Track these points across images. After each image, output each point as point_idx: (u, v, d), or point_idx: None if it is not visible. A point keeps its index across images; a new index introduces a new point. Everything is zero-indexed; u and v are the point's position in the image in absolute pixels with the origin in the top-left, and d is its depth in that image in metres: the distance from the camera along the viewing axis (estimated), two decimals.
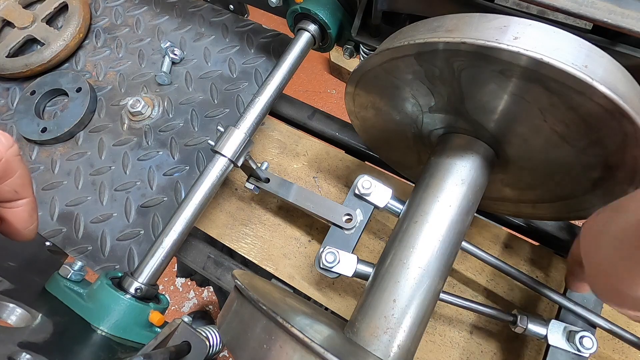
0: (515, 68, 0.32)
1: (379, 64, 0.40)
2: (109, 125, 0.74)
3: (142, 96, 0.74)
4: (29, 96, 0.75)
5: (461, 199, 0.42)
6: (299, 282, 0.60)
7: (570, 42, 0.31)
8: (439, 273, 0.41)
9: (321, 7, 0.58)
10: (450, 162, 0.44)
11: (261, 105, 0.58)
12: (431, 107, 0.43)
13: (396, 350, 0.38)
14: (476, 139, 0.44)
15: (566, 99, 0.32)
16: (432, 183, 0.43)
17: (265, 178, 0.59)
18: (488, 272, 0.59)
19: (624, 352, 0.53)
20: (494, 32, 0.32)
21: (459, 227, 0.42)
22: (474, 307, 0.48)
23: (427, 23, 0.36)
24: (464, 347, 0.55)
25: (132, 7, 0.85)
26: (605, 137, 0.34)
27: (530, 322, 0.46)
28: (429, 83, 0.39)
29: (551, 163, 0.41)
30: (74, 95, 0.75)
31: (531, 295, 0.57)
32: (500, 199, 0.54)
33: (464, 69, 0.35)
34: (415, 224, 0.42)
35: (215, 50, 0.77)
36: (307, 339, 0.32)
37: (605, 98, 0.30)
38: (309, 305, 0.51)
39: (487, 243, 0.61)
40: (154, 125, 0.73)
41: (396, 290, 0.40)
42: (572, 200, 0.45)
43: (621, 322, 0.52)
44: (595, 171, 0.39)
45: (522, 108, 0.36)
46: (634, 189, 0.38)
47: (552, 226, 0.59)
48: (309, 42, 0.62)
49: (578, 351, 0.45)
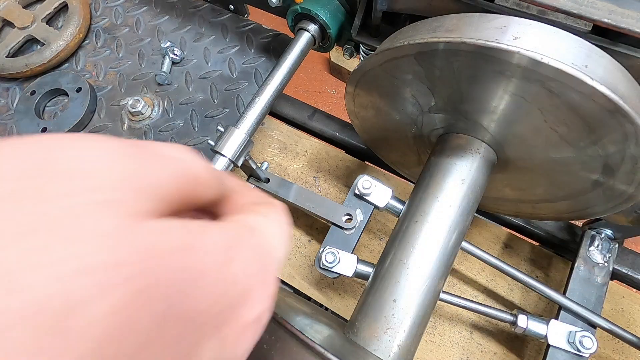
0: (515, 68, 0.32)
1: (379, 64, 0.40)
2: (109, 125, 0.74)
3: (142, 96, 0.74)
4: (29, 96, 0.75)
5: (461, 199, 0.42)
6: (299, 282, 0.60)
7: (570, 42, 0.31)
8: (439, 273, 0.41)
9: (321, 7, 0.58)
10: (450, 162, 0.44)
11: (261, 105, 0.58)
12: (431, 107, 0.43)
13: (396, 350, 0.38)
14: (476, 139, 0.44)
15: (566, 99, 0.32)
16: (432, 183, 0.43)
17: (265, 178, 0.59)
18: (488, 272, 0.59)
19: (624, 352, 0.53)
20: (494, 32, 0.32)
21: (459, 227, 0.42)
22: (474, 307, 0.48)
23: (427, 23, 0.36)
24: (464, 347, 0.55)
25: (132, 7, 0.85)
26: (605, 137, 0.34)
27: (530, 322, 0.46)
28: (429, 83, 0.39)
29: (551, 163, 0.41)
30: (74, 95, 0.75)
31: (531, 295, 0.57)
32: (500, 199, 0.54)
33: (464, 69, 0.35)
34: (415, 224, 0.42)
35: (215, 50, 0.77)
36: (307, 339, 0.32)
37: (605, 98, 0.30)
38: (309, 305, 0.51)
39: (487, 243, 0.61)
40: (154, 125, 0.73)
41: (396, 290, 0.40)
42: (572, 200, 0.45)
43: (621, 322, 0.52)
44: (595, 171, 0.39)
45: (522, 108, 0.36)
46: (634, 189, 0.38)
47: (552, 226, 0.59)
48: (309, 42, 0.62)
49: (578, 351, 0.45)
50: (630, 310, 0.55)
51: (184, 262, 0.14)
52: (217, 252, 0.16)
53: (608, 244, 0.52)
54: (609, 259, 0.52)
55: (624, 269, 0.54)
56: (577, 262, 0.52)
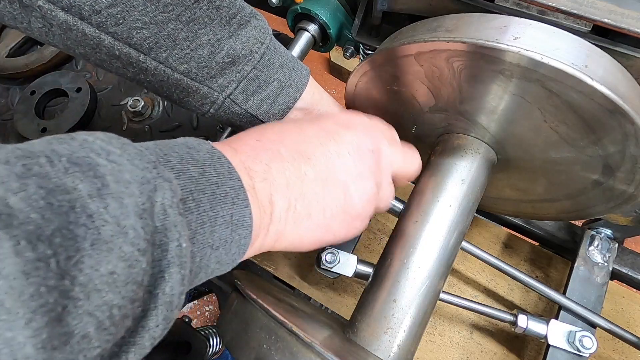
0: (515, 68, 0.32)
1: (379, 64, 0.40)
2: (109, 125, 0.74)
3: (142, 96, 0.74)
4: (29, 96, 0.75)
5: (461, 199, 0.42)
6: (299, 282, 0.60)
7: (570, 42, 0.31)
8: (439, 273, 0.41)
9: (321, 7, 0.58)
10: (450, 162, 0.44)
11: None
12: (431, 107, 0.43)
13: (396, 350, 0.39)
14: (476, 139, 0.44)
15: (566, 99, 0.32)
16: (432, 183, 0.43)
17: None
18: (488, 272, 0.59)
19: (624, 352, 0.53)
20: (493, 32, 0.32)
21: (459, 227, 0.42)
22: (474, 307, 0.48)
23: (427, 23, 0.36)
24: (464, 347, 0.55)
25: None
26: (605, 137, 0.34)
27: (530, 322, 0.46)
28: (429, 83, 0.39)
29: (551, 163, 0.41)
30: (74, 95, 0.75)
31: (531, 295, 0.57)
32: (500, 198, 0.54)
33: (464, 69, 0.35)
34: (415, 224, 0.42)
35: None
36: (307, 338, 0.32)
37: (605, 98, 0.30)
38: (309, 305, 0.51)
39: (487, 243, 0.61)
40: (154, 125, 0.73)
41: (396, 290, 0.40)
42: (572, 200, 0.45)
43: (621, 322, 0.52)
44: (595, 171, 0.39)
45: (522, 108, 0.36)
46: (634, 189, 0.38)
47: (552, 226, 0.59)
48: (309, 42, 0.62)
49: (578, 351, 0.45)
50: (630, 310, 0.55)
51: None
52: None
53: (608, 244, 0.52)
54: (608, 259, 0.52)
55: (623, 269, 0.54)
56: (577, 262, 0.52)
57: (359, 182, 0.36)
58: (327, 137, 0.36)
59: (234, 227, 0.28)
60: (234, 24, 0.37)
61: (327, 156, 0.35)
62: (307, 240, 0.35)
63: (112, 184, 0.20)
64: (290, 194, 0.32)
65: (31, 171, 0.18)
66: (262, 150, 0.32)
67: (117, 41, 0.33)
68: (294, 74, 0.43)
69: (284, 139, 0.34)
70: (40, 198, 0.17)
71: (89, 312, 0.18)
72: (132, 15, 0.32)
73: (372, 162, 0.37)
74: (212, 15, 0.36)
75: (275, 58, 0.41)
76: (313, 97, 0.45)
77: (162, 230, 0.22)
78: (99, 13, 0.31)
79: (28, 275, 0.16)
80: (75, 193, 0.19)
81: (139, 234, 0.21)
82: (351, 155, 0.36)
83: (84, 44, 0.33)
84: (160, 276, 0.22)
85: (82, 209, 0.19)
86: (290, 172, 0.32)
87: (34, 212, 0.17)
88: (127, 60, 0.35)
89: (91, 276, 0.18)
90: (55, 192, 0.18)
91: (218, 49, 0.37)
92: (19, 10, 0.30)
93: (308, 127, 0.36)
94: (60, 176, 0.19)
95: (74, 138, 0.22)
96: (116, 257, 0.19)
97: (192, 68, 0.37)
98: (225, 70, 0.38)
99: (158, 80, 0.37)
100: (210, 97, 0.39)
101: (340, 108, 0.48)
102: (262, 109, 0.41)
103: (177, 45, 0.35)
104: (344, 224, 0.36)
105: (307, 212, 0.33)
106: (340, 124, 0.38)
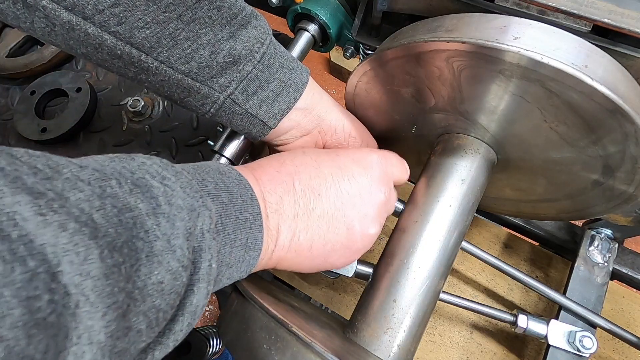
0: (515, 68, 0.32)
1: (379, 64, 0.40)
2: (109, 125, 0.74)
3: (142, 96, 0.74)
4: (29, 96, 0.75)
5: (461, 199, 0.42)
6: (299, 282, 0.60)
7: (570, 42, 0.31)
8: (439, 273, 0.41)
9: (321, 7, 0.58)
10: (450, 162, 0.44)
11: None
12: (431, 107, 0.43)
13: (396, 350, 0.39)
14: (476, 139, 0.44)
15: (566, 98, 0.32)
16: (432, 183, 0.43)
17: None
18: (488, 272, 0.59)
19: (624, 352, 0.53)
20: (494, 32, 0.32)
21: (459, 227, 0.42)
22: (474, 307, 0.48)
23: (427, 23, 0.36)
24: (464, 347, 0.55)
25: None
26: (605, 137, 0.34)
27: (530, 322, 0.46)
28: (428, 83, 0.39)
29: (551, 163, 0.41)
30: (74, 95, 0.75)
31: (531, 295, 0.57)
32: (501, 198, 0.54)
33: (464, 69, 0.35)
34: (415, 224, 0.42)
35: None
36: (307, 338, 0.32)
37: (605, 98, 0.30)
38: (309, 305, 0.51)
39: (487, 243, 0.61)
40: (154, 125, 0.73)
41: (396, 290, 0.40)
42: (572, 200, 0.45)
43: (621, 322, 0.52)
44: (595, 171, 0.39)
45: (522, 108, 0.36)
46: (634, 189, 0.38)
47: (552, 226, 0.59)
48: (309, 42, 0.61)
49: (578, 351, 0.45)
50: (630, 310, 0.55)
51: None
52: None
53: (608, 244, 0.52)
54: (608, 259, 0.52)
55: (624, 269, 0.54)
56: (577, 262, 0.52)
57: (364, 222, 0.38)
58: (342, 176, 0.38)
59: (247, 249, 0.32)
60: (235, 24, 0.38)
61: (337, 195, 0.37)
62: (305, 267, 0.38)
63: (165, 205, 0.24)
64: (295, 226, 0.35)
65: (106, 192, 0.22)
66: (278, 183, 0.36)
67: (119, 41, 0.33)
68: (294, 74, 0.43)
69: (300, 173, 0.37)
70: (114, 215, 0.21)
71: (143, 312, 0.22)
72: (134, 14, 0.32)
73: (381, 205, 0.39)
74: (213, 15, 0.36)
75: (275, 58, 0.42)
76: (313, 97, 0.45)
77: (197, 250, 0.26)
78: (101, 12, 0.31)
79: (107, 277, 0.19)
80: (137, 211, 0.23)
81: (184, 254, 0.24)
82: (362, 197, 0.38)
83: (86, 43, 0.33)
84: (190, 289, 0.26)
85: (141, 225, 0.23)
86: (299, 206, 0.35)
87: (110, 227, 0.21)
88: (128, 60, 0.35)
89: (145, 282, 0.22)
90: (123, 211, 0.22)
91: (219, 49, 0.37)
92: (22, 10, 0.30)
93: (325, 162, 0.39)
94: (127, 197, 0.23)
95: (134, 159, 0.26)
96: (165, 270, 0.23)
97: (193, 68, 0.37)
98: (225, 70, 0.38)
99: (159, 80, 0.37)
100: (210, 97, 0.40)
101: (339, 108, 0.48)
102: (263, 109, 0.42)
103: (178, 45, 0.35)
104: (343, 258, 0.38)
105: (308, 243, 0.36)
106: (357, 161, 0.40)
